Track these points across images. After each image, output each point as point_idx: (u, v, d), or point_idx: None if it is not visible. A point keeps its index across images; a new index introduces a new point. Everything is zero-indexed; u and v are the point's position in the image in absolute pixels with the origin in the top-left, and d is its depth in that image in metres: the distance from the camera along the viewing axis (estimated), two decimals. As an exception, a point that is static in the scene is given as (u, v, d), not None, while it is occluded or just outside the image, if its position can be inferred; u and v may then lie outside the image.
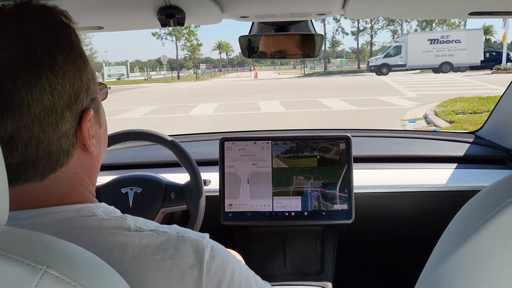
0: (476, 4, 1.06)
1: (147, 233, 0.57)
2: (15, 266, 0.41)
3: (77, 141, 0.58)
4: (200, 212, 1.32)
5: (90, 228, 0.55)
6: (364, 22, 49.93)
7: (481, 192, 0.47)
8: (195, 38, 52.42)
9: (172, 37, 50.59)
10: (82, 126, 0.58)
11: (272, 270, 1.53)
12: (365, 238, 1.83)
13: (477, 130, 1.93)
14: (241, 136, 1.49)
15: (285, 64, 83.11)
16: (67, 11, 0.59)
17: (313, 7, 1.14)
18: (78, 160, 0.60)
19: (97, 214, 0.58)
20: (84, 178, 0.61)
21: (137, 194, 1.33)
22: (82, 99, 0.58)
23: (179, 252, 0.57)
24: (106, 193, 1.35)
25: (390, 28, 52.27)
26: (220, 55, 74.97)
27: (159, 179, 1.37)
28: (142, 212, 1.32)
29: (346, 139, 1.45)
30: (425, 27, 49.02)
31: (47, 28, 0.56)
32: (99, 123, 0.63)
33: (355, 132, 1.93)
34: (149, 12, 1.06)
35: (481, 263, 0.41)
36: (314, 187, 1.44)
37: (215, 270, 0.59)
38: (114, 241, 0.55)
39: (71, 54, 0.57)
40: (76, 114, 0.57)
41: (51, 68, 0.54)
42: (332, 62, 55.90)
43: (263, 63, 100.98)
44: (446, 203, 1.54)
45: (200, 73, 46.11)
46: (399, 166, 1.65)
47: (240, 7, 1.11)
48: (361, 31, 51.92)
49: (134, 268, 0.54)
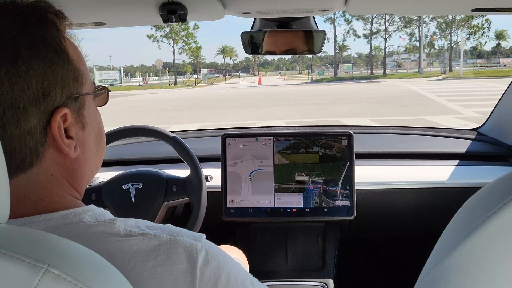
0: (479, 0, 1.05)
1: (137, 238, 0.55)
2: (16, 265, 0.40)
3: (47, 140, 0.55)
4: (203, 204, 1.33)
5: (76, 237, 0.51)
6: (378, 24, 47.08)
7: (483, 189, 0.47)
8: (193, 40, 49.25)
9: (169, 40, 47.03)
10: (52, 124, 0.55)
11: (273, 266, 1.53)
12: (367, 234, 1.84)
13: (479, 127, 1.92)
14: (243, 132, 1.49)
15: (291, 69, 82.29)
16: (69, 7, 0.59)
17: (315, 3, 1.13)
18: (53, 161, 0.57)
19: (84, 219, 0.55)
20: (63, 181, 0.59)
21: (139, 190, 1.33)
22: (55, 96, 0.55)
23: (171, 258, 0.55)
24: (108, 190, 1.35)
25: (406, 31, 48.99)
26: (224, 59, 73.61)
27: (160, 173, 1.38)
28: (144, 207, 1.32)
29: (348, 135, 1.44)
30: (444, 29, 46.55)
31: (21, 23, 0.54)
32: (82, 124, 0.60)
33: (357, 129, 1.93)
34: (151, 8, 1.06)
35: (483, 259, 0.42)
36: (316, 183, 1.44)
37: (209, 276, 0.57)
38: (102, 249, 0.52)
39: (42, 49, 0.54)
40: (46, 112, 0.54)
41: (12, 61, 0.52)
42: (340, 67, 53.31)
43: (268, 68, 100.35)
44: (448, 199, 1.54)
45: (201, 78, 44.24)
46: (401, 163, 1.65)
47: (242, 3, 1.10)
48: (374, 33, 48.01)
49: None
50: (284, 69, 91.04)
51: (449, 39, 46.63)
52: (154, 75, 55.06)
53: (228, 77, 54.50)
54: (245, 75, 54.62)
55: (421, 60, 41.58)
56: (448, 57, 43.70)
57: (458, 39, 45.62)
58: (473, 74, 31.24)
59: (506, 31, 56.80)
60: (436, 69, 45.20)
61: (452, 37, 46.52)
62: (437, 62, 51.69)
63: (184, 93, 26.22)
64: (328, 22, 49.94)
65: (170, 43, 46.88)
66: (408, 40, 51.22)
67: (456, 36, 46.78)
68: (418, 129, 1.98)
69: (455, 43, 46.25)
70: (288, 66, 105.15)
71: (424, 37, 42.08)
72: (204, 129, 2.09)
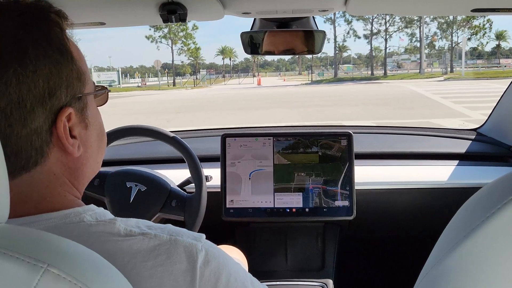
0: (479, 0, 1.05)
1: (137, 238, 0.55)
2: (15, 265, 0.40)
3: (52, 139, 0.56)
4: (195, 228, 1.31)
5: (76, 237, 0.51)
6: (378, 24, 46.30)
7: (482, 189, 0.47)
8: (192, 41, 48.25)
9: (167, 41, 46.06)
10: (57, 123, 0.55)
11: (273, 266, 1.53)
12: (366, 234, 1.84)
13: (479, 127, 1.93)
14: (243, 132, 1.49)
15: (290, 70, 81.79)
16: (69, 7, 0.59)
17: (315, 3, 1.13)
18: (56, 161, 0.57)
19: (84, 219, 0.56)
20: (65, 180, 0.59)
21: (140, 192, 1.32)
22: (60, 96, 0.56)
23: (171, 258, 0.55)
24: (112, 182, 1.34)
25: (406, 31, 48.19)
26: (224, 60, 73.03)
27: (166, 184, 1.35)
28: (139, 211, 1.31)
29: (348, 135, 1.45)
30: (445, 29, 45.86)
31: (23, 23, 0.54)
32: (85, 123, 0.61)
33: (356, 129, 1.93)
34: (151, 8, 1.06)
35: (483, 260, 0.42)
36: (316, 183, 1.44)
37: (209, 276, 0.57)
38: (102, 249, 0.52)
39: (48, 49, 0.54)
40: (51, 111, 0.55)
41: (19, 61, 0.52)
42: (340, 68, 52.70)
43: (268, 68, 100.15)
44: (448, 199, 1.54)
45: (200, 79, 43.38)
46: (401, 163, 1.65)
47: (242, 3, 1.10)
48: (375, 34, 47.19)
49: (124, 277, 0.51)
50: (284, 70, 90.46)
51: (450, 40, 46.22)
52: (153, 76, 54.29)
53: (227, 78, 53.72)
54: (244, 76, 53.95)
55: (422, 60, 41.31)
56: (449, 57, 43.32)
57: (459, 40, 45.23)
58: (474, 75, 30.95)
59: (506, 31, 56.83)
60: (437, 70, 44.86)
61: (453, 37, 46.12)
62: (437, 62, 51.35)
63: (182, 94, 25.64)
64: (328, 22, 49.46)
65: (169, 44, 46.26)
66: (409, 40, 50.75)
67: (457, 36, 46.29)
68: (417, 129, 1.98)
69: (456, 44, 45.90)
70: (287, 67, 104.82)
71: (425, 37, 41.74)
72: (204, 129, 2.09)
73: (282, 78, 52.06)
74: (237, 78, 50.08)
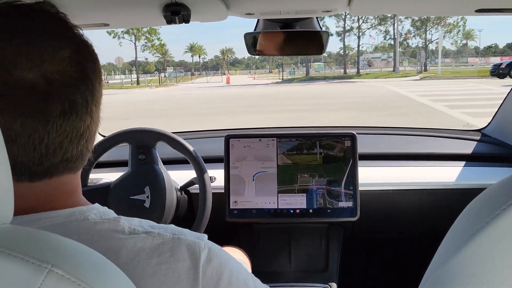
0: (483, 0, 1.05)
1: (141, 236, 0.56)
2: (19, 265, 0.40)
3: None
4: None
5: (81, 234, 0.53)
6: (351, 21, 44.64)
7: (487, 190, 0.47)
8: (156, 37, 45.52)
9: (130, 36, 42.60)
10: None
11: (276, 267, 1.53)
12: (370, 235, 1.83)
13: (484, 128, 1.92)
14: (246, 133, 1.49)
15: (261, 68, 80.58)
16: (73, 7, 0.59)
17: (319, 4, 1.13)
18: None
19: (89, 217, 0.56)
20: (80, 180, 0.62)
21: (144, 206, 1.34)
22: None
23: (175, 256, 0.56)
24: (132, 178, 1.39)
25: (380, 29, 46.87)
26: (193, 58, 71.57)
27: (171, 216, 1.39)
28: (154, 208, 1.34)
29: (351, 136, 1.44)
30: (419, 27, 45.38)
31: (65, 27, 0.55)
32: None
33: (360, 130, 1.93)
34: (155, 9, 1.06)
35: (488, 261, 0.41)
36: (319, 184, 1.44)
37: (212, 274, 0.57)
38: (107, 246, 0.53)
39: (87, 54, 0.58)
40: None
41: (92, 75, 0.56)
42: (310, 66, 51.07)
43: (238, 66, 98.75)
44: (452, 201, 1.54)
45: (167, 77, 41.09)
46: (405, 164, 1.65)
47: (246, 3, 1.10)
48: (347, 31, 45.73)
49: (128, 274, 0.51)
50: (254, 68, 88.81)
51: (424, 38, 45.58)
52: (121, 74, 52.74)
53: (195, 76, 50.27)
54: (214, 73, 50.91)
55: (397, 59, 40.32)
56: (423, 56, 42.40)
57: (433, 38, 45.00)
58: (451, 74, 29.87)
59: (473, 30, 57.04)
60: (408, 69, 44.04)
61: (427, 35, 45.60)
62: (407, 61, 50.96)
63: (144, 95, 23.46)
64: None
65: (132, 39, 43.09)
66: (383, 38, 50.24)
67: (431, 34, 45.90)
68: (421, 130, 1.97)
69: (430, 41, 45.41)
70: (258, 65, 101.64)
71: (398, 35, 41.15)
72: (207, 130, 2.09)
73: (252, 76, 49.55)
74: (205, 77, 45.99)
